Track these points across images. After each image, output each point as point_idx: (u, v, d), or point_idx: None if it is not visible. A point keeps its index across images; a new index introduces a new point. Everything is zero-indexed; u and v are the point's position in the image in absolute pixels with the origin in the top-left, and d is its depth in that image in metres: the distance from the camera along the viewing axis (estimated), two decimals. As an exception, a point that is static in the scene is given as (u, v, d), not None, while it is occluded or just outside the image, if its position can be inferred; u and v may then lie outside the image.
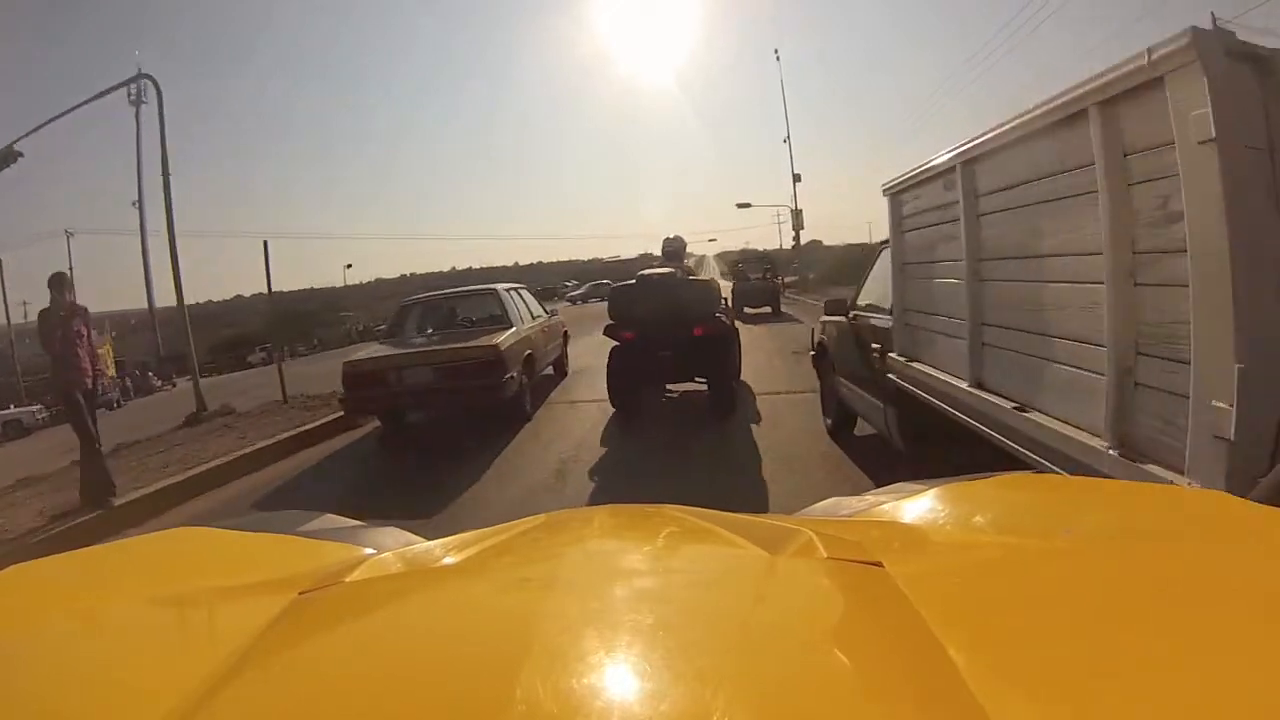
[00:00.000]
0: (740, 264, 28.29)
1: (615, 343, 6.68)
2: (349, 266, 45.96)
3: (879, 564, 0.65)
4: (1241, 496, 0.76)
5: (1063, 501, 0.98)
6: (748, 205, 39.45)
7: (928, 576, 0.66)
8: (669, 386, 7.38)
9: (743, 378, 7.46)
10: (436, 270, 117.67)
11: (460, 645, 0.55)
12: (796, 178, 37.26)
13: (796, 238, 38.23)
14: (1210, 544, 0.71)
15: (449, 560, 0.79)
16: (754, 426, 6.14)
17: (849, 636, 0.55)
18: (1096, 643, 0.49)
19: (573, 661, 0.47)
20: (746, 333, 9.32)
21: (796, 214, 36.70)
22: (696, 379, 6.89)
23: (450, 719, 0.44)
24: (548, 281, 67.15)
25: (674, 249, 8.10)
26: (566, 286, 63.25)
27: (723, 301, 7.18)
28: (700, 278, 7.48)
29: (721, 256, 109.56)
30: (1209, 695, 0.43)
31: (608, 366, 6.75)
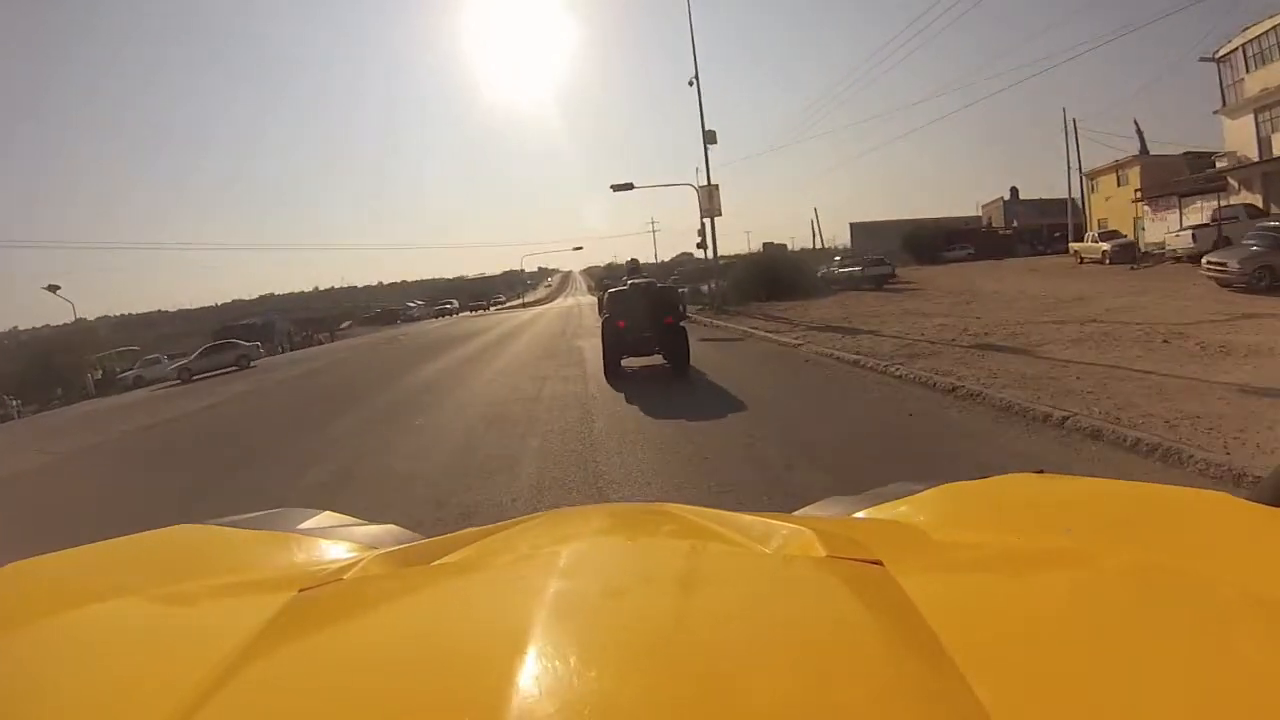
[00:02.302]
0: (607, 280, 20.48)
1: (606, 329, 10.28)
2: (55, 288, 35.29)
3: (879, 563, 0.65)
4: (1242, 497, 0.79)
5: (1063, 501, 0.97)
6: (628, 187, 25.18)
7: (928, 575, 0.66)
8: (629, 363, 10.56)
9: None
10: (298, 290, 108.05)
11: (459, 643, 0.55)
12: (709, 136, 22.85)
13: (707, 230, 23.36)
14: (1211, 544, 0.71)
15: (448, 558, 0.78)
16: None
17: (849, 635, 0.55)
18: (1096, 642, 0.49)
19: (571, 659, 0.47)
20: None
21: (709, 191, 22.46)
22: (664, 354, 10.29)
23: (449, 716, 0.44)
24: (395, 301, 61.95)
25: (635, 266, 13.17)
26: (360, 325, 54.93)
27: (683, 302, 11.76)
28: (667, 285, 11.66)
29: (589, 271, 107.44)
30: (1209, 695, 0.43)
31: (603, 343, 10.34)
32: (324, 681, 0.52)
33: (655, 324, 9.97)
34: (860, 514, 0.99)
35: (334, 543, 1.00)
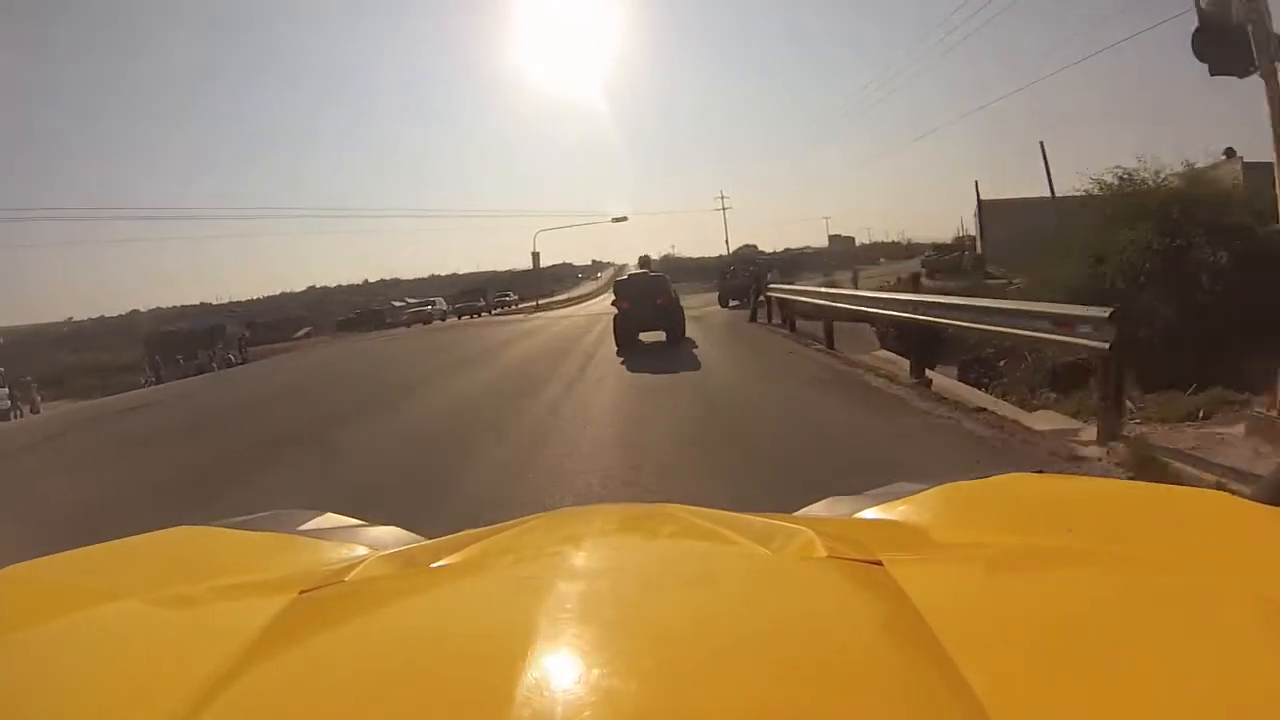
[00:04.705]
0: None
1: (617, 310, 13.80)
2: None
3: (879, 563, 0.65)
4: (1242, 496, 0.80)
5: (1063, 501, 0.97)
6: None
7: (928, 576, 0.66)
8: (642, 337, 13.52)
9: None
10: (347, 282, 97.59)
11: (461, 644, 0.55)
12: None
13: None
14: (1211, 543, 0.71)
15: (450, 559, 0.78)
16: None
17: (849, 636, 0.55)
18: (1097, 642, 0.49)
19: (573, 661, 0.47)
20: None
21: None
22: (663, 329, 13.53)
23: (451, 718, 0.45)
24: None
25: (645, 259, 26.56)
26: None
27: (672, 288, 14.83)
28: (660, 275, 15.56)
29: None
30: (1210, 695, 0.43)
31: (614, 322, 13.67)
32: (326, 684, 0.51)
33: (651, 305, 13.45)
34: (860, 514, 0.99)
35: (335, 544, 0.99)
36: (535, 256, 44.96)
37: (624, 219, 47.85)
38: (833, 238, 67.43)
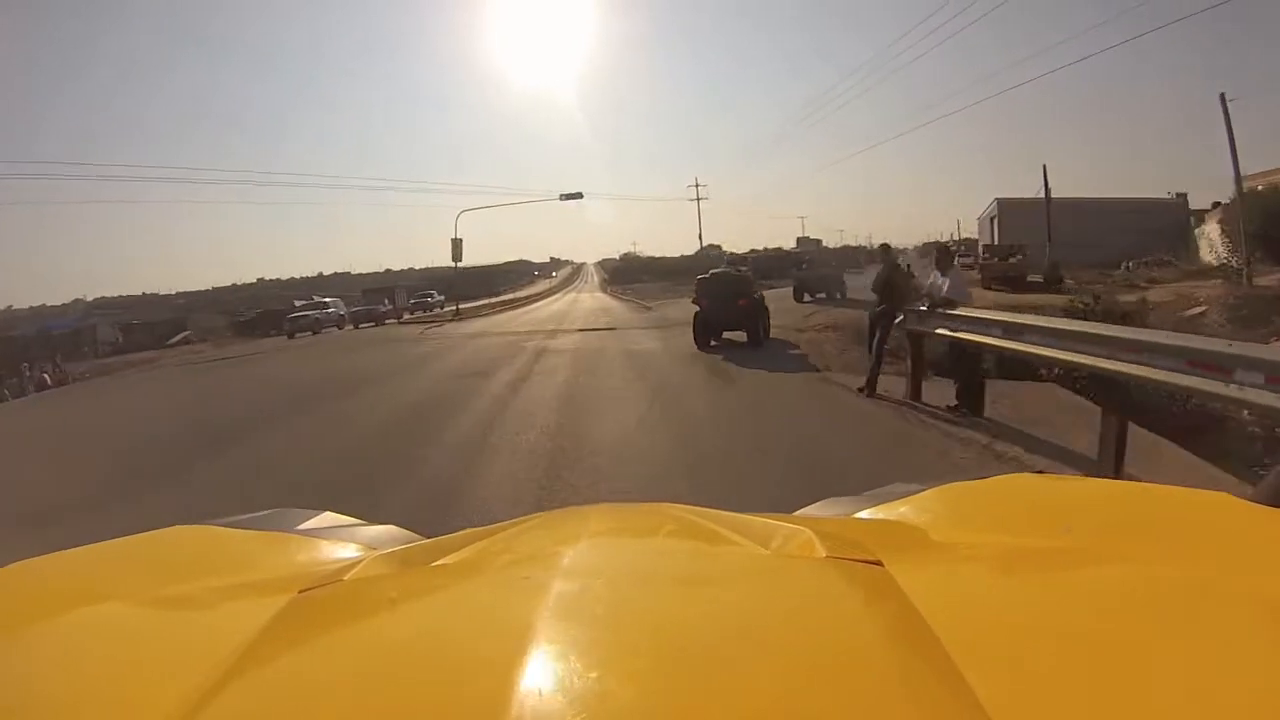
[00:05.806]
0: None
1: (697, 308, 13.01)
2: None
3: (879, 563, 0.65)
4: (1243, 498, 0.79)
5: (1063, 501, 0.97)
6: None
7: (928, 576, 0.66)
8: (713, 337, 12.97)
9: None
10: (301, 274, 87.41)
11: (460, 644, 0.55)
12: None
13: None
14: (1211, 545, 0.71)
15: (448, 559, 0.78)
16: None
17: (849, 635, 0.55)
18: (1096, 642, 0.49)
19: (572, 660, 0.47)
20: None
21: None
22: (741, 330, 12.66)
23: (450, 717, 0.45)
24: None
25: (718, 254, 23.36)
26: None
27: (756, 285, 14.15)
28: (742, 274, 14.76)
29: (603, 264, 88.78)
30: (1209, 695, 0.43)
31: (693, 321, 12.96)
32: (325, 683, 0.51)
33: (731, 304, 12.53)
34: (860, 514, 0.98)
35: (334, 543, 0.98)
36: (456, 244, 31.27)
37: (578, 195, 37.10)
38: (800, 239, 62.32)
